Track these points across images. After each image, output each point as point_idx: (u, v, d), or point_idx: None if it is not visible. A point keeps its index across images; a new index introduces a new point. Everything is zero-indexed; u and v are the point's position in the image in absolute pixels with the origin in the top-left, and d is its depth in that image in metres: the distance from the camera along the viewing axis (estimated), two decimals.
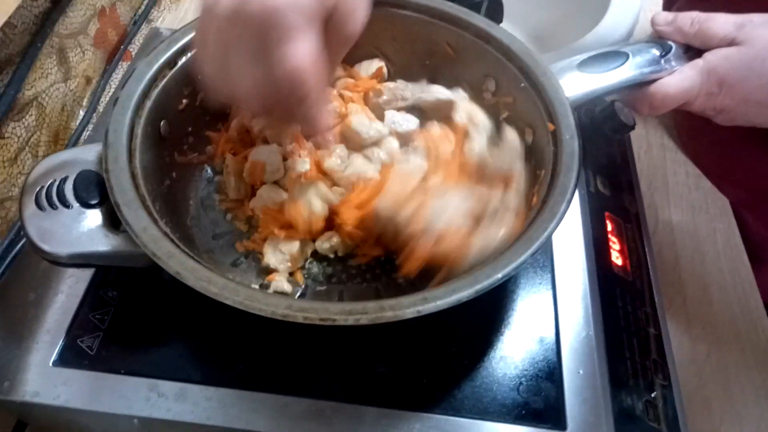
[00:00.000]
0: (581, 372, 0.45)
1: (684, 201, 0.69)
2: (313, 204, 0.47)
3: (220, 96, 0.39)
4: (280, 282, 0.47)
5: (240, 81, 0.37)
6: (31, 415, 0.48)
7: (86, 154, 0.42)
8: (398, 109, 0.54)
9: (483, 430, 0.43)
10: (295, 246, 0.47)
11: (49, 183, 0.40)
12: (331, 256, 0.50)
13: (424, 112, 0.55)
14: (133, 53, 0.78)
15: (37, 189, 0.40)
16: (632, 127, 0.61)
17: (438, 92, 0.53)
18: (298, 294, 0.48)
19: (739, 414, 0.53)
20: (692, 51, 0.50)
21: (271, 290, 0.46)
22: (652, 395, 0.46)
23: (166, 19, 0.87)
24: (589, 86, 0.49)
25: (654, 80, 0.49)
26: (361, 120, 0.51)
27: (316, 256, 0.51)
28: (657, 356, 0.49)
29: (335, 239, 0.49)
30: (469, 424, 0.43)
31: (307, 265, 0.50)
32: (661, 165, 0.73)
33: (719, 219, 0.67)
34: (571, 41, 0.70)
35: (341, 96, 0.55)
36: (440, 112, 0.53)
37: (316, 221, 0.47)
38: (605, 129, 0.62)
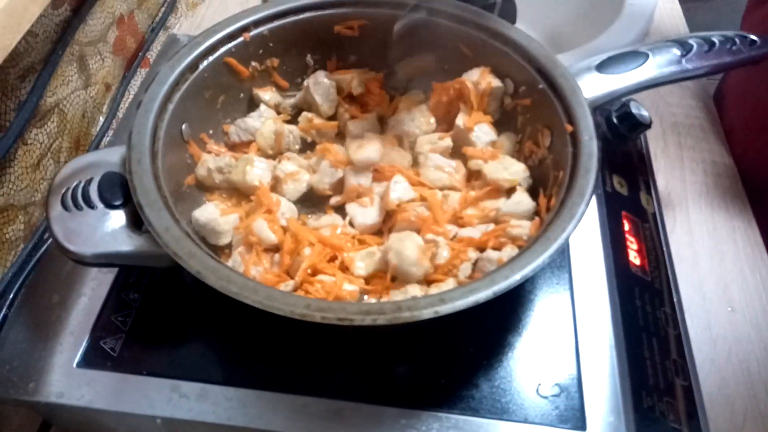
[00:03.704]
0: (601, 373, 0.45)
1: (702, 199, 0.68)
2: None
3: None
4: None
5: None
6: (55, 416, 0.49)
7: (110, 156, 0.43)
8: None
9: (502, 431, 0.42)
10: None
11: (74, 184, 0.41)
12: None
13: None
14: (151, 60, 0.79)
15: (63, 190, 0.41)
16: (648, 126, 0.61)
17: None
18: None
19: (763, 414, 0.52)
20: (714, 50, 0.50)
21: None
22: (673, 396, 0.46)
23: (183, 26, 0.89)
24: (608, 87, 0.49)
25: (675, 80, 0.49)
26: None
27: None
28: (677, 356, 0.49)
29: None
30: (488, 425, 0.43)
31: None
32: (678, 163, 0.72)
33: (739, 217, 0.67)
34: (585, 41, 0.70)
35: None
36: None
37: None
38: (621, 128, 0.62)
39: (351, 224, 0.51)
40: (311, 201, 0.55)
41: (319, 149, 0.54)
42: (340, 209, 0.53)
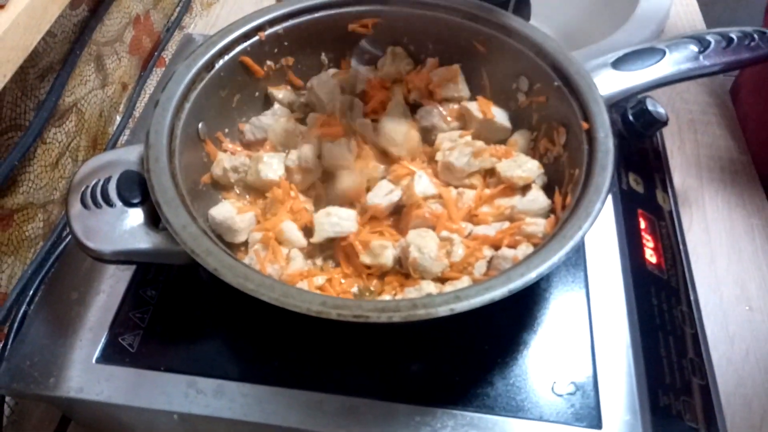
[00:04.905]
0: (617, 371, 0.45)
1: (719, 197, 0.68)
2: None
3: None
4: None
5: None
6: (75, 410, 0.50)
7: (129, 155, 0.44)
8: None
9: (517, 428, 0.43)
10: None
11: (93, 183, 0.42)
12: None
13: None
14: (167, 59, 0.80)
15: (83, 188, 0.41)
16: (665, 123, 0.60)
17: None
18: None
19: None
20: (732, 46, 0.49)
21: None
22: (690, 395, 0.46)
23: (198, 26, 0.89)
24: (624, 84, 0.49)
25: (692, 77, 0.48)
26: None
27: None
28: (694, 355, 0.48)
29: None
30: (503, 422, 0.43)
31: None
32: (695, 161, 0.71)
33: (756, 215, 0.66)
34: (600, 38, 0.70)
35: None
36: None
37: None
38: (637, 125, 0.61)
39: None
40: None
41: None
42: None
